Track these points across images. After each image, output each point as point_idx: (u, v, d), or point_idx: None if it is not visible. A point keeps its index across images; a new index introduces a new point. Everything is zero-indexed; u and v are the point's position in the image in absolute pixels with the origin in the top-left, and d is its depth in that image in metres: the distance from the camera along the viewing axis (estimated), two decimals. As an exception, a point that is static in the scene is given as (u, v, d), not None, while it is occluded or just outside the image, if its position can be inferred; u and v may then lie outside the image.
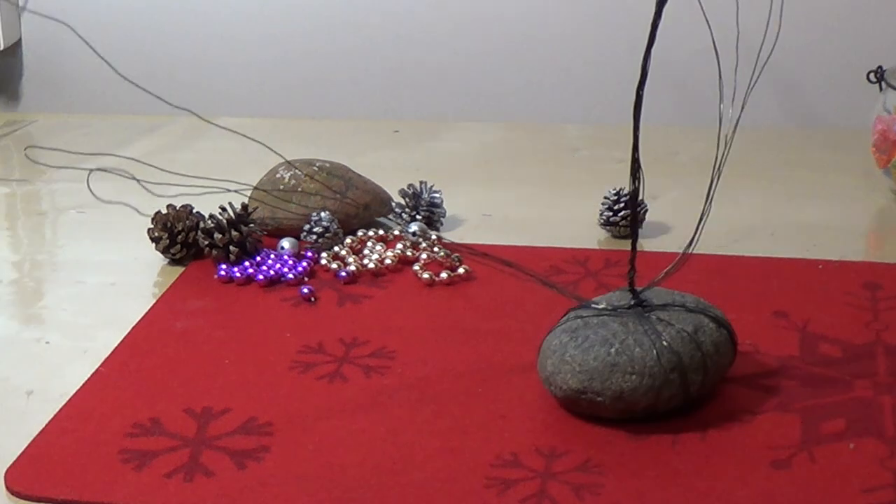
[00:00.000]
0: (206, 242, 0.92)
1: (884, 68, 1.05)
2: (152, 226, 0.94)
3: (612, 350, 0.68)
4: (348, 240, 0.95)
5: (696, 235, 0.74)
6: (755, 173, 1.10)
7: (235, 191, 0.91)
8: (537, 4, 1.45)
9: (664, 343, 0.67)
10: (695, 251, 0.74)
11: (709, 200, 0.73)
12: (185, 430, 0.69)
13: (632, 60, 0.66)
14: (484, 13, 1.47)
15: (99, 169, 0.93)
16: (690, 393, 0.68)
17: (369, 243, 0.95)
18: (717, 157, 0.72)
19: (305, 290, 0.87)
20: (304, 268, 0.90)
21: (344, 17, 1.50)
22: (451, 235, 0.98)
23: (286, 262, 0.91)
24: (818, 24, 1.38)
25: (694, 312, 0.70)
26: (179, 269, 0.93)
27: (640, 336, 0.68)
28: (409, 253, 0.93)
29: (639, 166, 0.69)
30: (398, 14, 1.49)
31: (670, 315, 0.69)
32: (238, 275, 0.90)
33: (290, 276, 0.89)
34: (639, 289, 0.72)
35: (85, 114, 1.49)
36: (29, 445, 0.68)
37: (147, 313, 0.85)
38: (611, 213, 0.96)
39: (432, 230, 0.98)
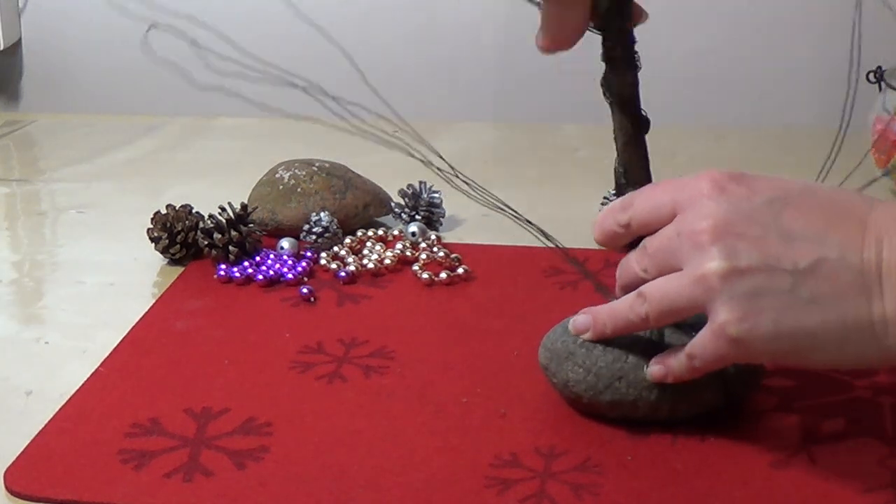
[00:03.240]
0: (206, 242, 0.92)
1: (883, 68, 1.05)
2: (152, 226, 0.94)
3: (580, 339, 0.68)
4: (348, 240, 0.96)
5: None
6: (756, 173, 1.10)
7: (301, 87, 0.86)
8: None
9: (639, 351, 0.67)
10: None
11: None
12: (185, 430, 0.69)
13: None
14: (484, 13, 1.47)
15: (153, 26, 0.91)
16: (639, 408, 0.67)
17: (369, 243, 0.95)
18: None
19: (305, 291, 0.87)
20: (303, 268, 0.90)
21: (343, 17, 1.51)
22: (450, 235, 0.98)
23: (286, 262, 0.91)
24: (818, 23, 1.38)
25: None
26: (179, 269, 0.93)
27: (624, 339, 0.67)
28: (408, 253, 0.93)
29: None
30: (398, 14, 1.49)
31: (675, 330, 0.68)
32: (237, 275, 0.90)
33: (290, 276, 0.89)
34: None
35: (85, 114, 1.49)
36: (28, 445, 0.68)
37: (146, 313, 0.85)
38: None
39: (432, 230, 0.98)
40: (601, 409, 0.68)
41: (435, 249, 0.93)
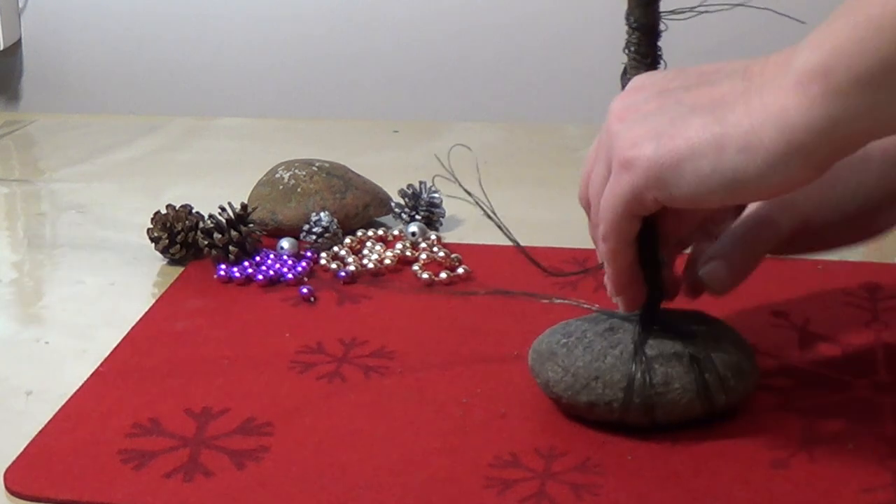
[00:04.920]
0: (206, 242, 0.92)
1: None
2: (151, 226, 0.94)
3: (563, 340, 0.68)
4: (348, 240, 0.96)
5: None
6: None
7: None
8: (537, 4, 1.45)
9: (617, 352, 0.67)
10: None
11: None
12: (185, 430, 0.69)
13: (631, 60, 0.67)
14: (484, 13, 1.47)
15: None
16: (614, 410, 0.66)
17: (368, 243, 0.95)
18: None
19: (305, 290, 0.87)
20: (303, 268, 0.90)
21: (344, 17, 1.51)
22: (450, 236, 0.98)
23: (285, 262, 0.91)
24: (817, 24, 1.38)
25: (686, 344, 0.67)
26: (179, 269, 0.93)
27: (605, 340, 0.67)
28: (408, 253, 0.93)
29: None
30: (398, 14, 1.49)
31: (658, 340, 0.67)
32: (237, 275, 0.90)
33: (290, 276, 0.89)
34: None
35: (85, 114, 1.49)
36: (28, 445, 0.68)
37: (146, 313, 0.85)
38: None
39: (431, 230, 0.98)
40: (579, 411, 0.68)
41: (435, 249, 0.93)
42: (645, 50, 0.65)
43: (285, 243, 0.94)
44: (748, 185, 0.57)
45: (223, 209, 0.93)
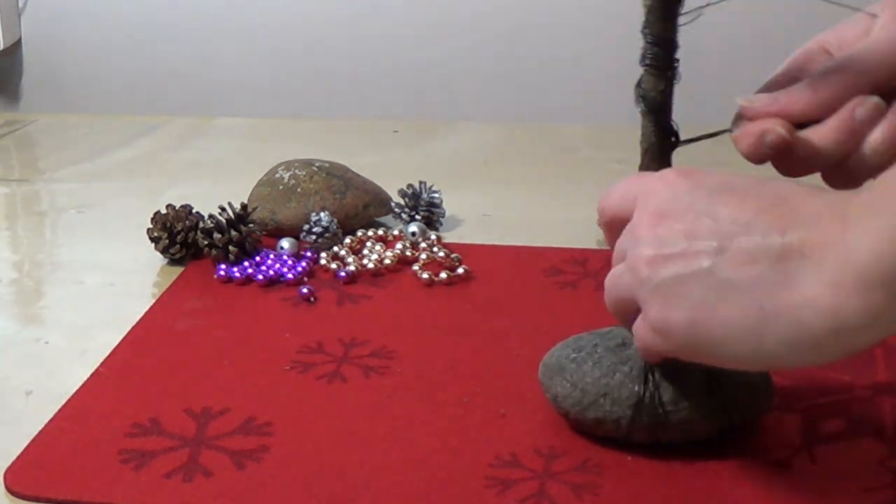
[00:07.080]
0: (206, 242, 0.92)
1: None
2: (151, 226, 0.94)
3: (573, 355, 0.67)
4: (347, 240, 0.96)
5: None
6: (757, 173, 1.10)
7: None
8: (537, 4, 1.45)
9: (627, 369, 0.66)
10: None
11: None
12: (185, 431, 0.69)
13: (632, 60, 0.66)
14: (484, 13, 1.47)
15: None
16: (621, 427, 0.65)
17: (368, 243, 0.95)
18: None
19: (305, 290, 0.87)
20: (303, 268, 0.90)
21: (344, 17, 1.51)
22: (450, 235, 0.98)
23: (285, 262, 0.91)
24: (817, 23, 1.38)
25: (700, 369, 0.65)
26: (179, 269, 0.93)
27: (615, 356, 0.66)
28: (408, 253, 0.93)
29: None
30: (398, 14, 1.49)
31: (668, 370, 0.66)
32: (237, 275, 0.90)
33: (290, 276, 0.89)
34: None
35: (85, 114, 1.49)
36: (28, 445, 0.68)
37: (146, 313, 0.85)
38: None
39: (432, 230, 0.98)
40: (587, 427, 0.67)
41: (435, 249, 0.93)
42: (662, 63, 0.65)
43: (285, 243, 0.94)
44: (785, 365, 0.59)
45: (223, 209, 0.93)
